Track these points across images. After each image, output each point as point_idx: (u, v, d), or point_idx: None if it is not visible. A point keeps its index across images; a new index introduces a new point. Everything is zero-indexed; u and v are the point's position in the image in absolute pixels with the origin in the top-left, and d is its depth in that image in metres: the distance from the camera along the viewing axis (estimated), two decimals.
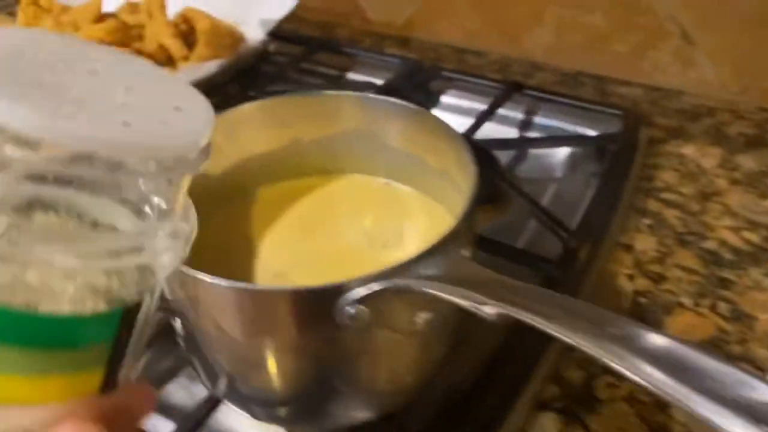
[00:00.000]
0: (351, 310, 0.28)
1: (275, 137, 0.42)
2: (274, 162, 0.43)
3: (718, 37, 0.65)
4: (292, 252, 0.39)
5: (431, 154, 0.41)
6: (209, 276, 0.29)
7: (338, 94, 0.41)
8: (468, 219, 0.32)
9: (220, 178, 0.42)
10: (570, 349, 0.24)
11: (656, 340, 0.21)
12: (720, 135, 0.63)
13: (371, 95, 0.41)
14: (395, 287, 0.28)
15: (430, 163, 0.41)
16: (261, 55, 0.70)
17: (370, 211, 0.43)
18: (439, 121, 0.39)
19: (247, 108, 0.40)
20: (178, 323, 0.34)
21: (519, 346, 0.40)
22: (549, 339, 0.25)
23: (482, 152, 0.56)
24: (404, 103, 0.40)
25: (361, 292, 0.28)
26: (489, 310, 0.25)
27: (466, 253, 0.32)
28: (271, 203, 0.43)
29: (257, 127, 0.42)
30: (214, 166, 0.41)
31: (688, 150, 0.61)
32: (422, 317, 0.31)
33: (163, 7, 0.65)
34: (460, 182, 0.38)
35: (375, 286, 0.28)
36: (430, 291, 0.28)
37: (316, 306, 0.29)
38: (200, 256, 0.39)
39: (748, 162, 0.59)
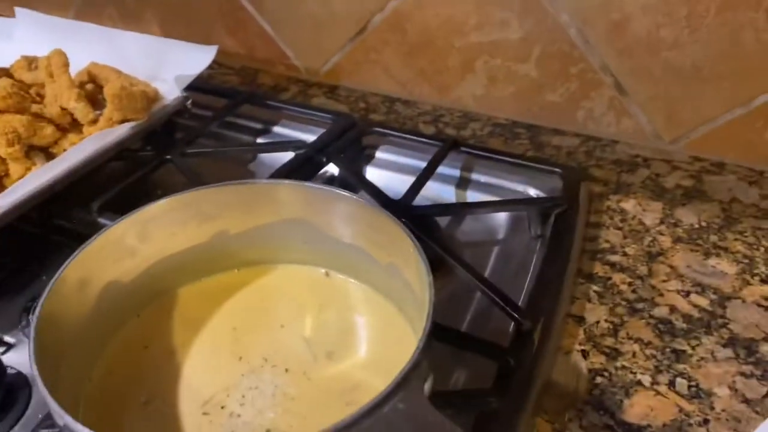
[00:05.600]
0: None
1: (197, 232, 0.38)
2: (194, 258, 0.38)
3: (650, 87, 0.64)
4: (223, 372, 0.34)
5: (376, 247, 0.37)
6: None
7: (273, 183, 0.37)
8: (428, 341, 0.28)
9: (135, 282, 0.37)
10: None
11: None
12: (658, 187, 0.62)
13: (310, 184, 0.37)
14: None
15: (374, 255, 0.37)
16: (179, 111, 0.65)
17: (309, 309, 0.38)
18: (387, 216, 0.35)
19: (163, 204, 0.35)
20: None
21: None
22: None
23: (423, 219, 0.53)
24: (347, 193, 0.36)
25: None
26: None
27: (427, 386, 0.28)
28: (195, 305, 0.38)
29: (177, 223, 0.37)
30: (128, 270, 0.36)
31: (629, 205, 0.60)
32: None
33: (65, 65, 0.59)
34: (409, 278, 0.35)
35: None
36: None
37: None
38: (115, 379, 0.34)
39: (688, 216, 0.58)
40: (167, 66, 0.65)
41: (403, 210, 0.52)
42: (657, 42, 0.61)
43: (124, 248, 0.35)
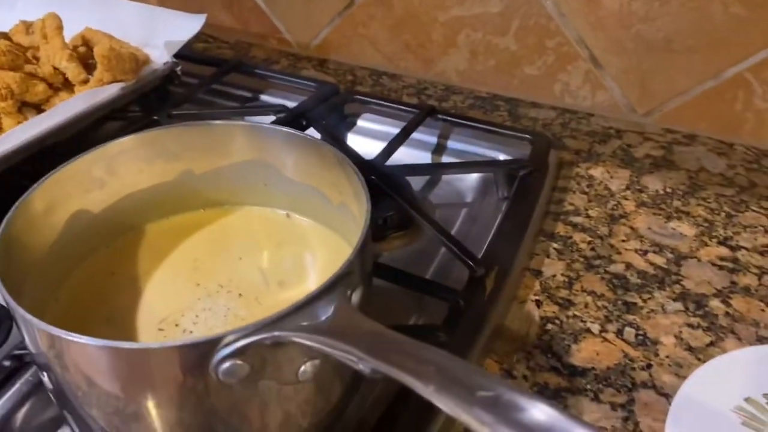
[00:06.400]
0: (227, 364, 0.26)
1: (163, 170, 0.40)
2: (163, 196, 0.41)
3: (623, 60, 0.66)
4: (181, 296, 0.37)
5: (328, 186, 0.39)
6: (72, 334, 0.26)
7: (229, 124, 0.40)
8: (360, 256, 0.30)
9: (104, 214, 0.39)
10: None
11: (529, 408, 0.21)
12: (628, 156, 0.64)
13: (264, 125, 0.40)
14: (272, 339, 0.26)
15: (327, 195, 0.40)
16: (167, 77, 0.67)
17: (267, 246, 0.41)
18: (335, 153, 0.37)
19: (128, 140, 0.38)
20: (45, 377, 0.31)
21: None
22: None
23: (393, 178, 0.55)
24: (298, 133, 0.38)
25: (235, 345, 0.26)
26: (365, 365, 0.24)
27: (355, 296, 0.30)
28: (161, 240, 0.41)
29: (143, 160, 0.39)
30: (96, 202, 0.39)
31: (597, 172, 0.62)
32: (310, 365, 0.29)
33: (59, 28, 0.61)
34: (358, 215, 0.37)
35: (250, 339, 0.26)
36: (307, 343, 0.26)
37: (191, 362, 0.27)
38: (80, 300, 0.37)
39: (654, 183, 0.60)
40: (158, 33, 0.67)
41: (375, 169, 0.55)
42: (629, 15, 0.63)
43: (92, 180, 0.37)
